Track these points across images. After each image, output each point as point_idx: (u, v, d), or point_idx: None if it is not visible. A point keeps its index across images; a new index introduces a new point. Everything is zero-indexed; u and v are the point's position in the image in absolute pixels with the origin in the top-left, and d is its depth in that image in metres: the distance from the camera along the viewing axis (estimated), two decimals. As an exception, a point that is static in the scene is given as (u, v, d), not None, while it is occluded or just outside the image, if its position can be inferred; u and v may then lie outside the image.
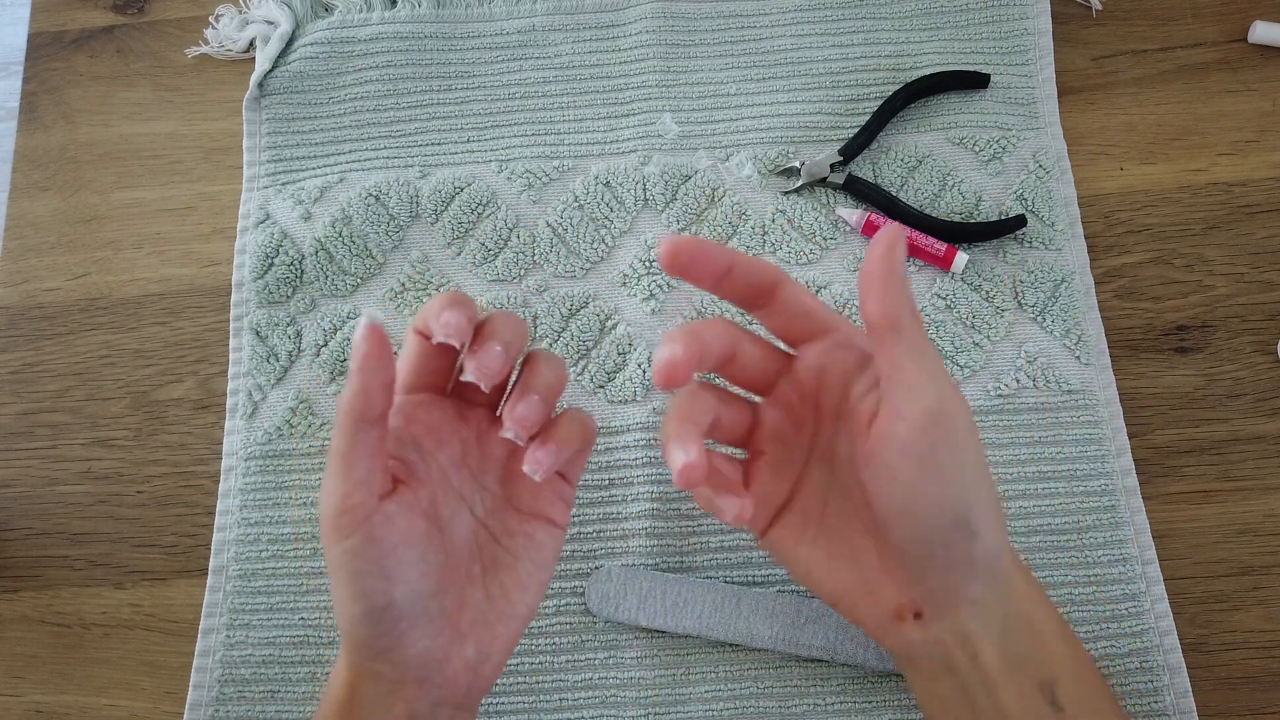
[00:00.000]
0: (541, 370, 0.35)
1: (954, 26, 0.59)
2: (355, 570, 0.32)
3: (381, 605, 0.33)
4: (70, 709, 0.49)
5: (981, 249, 0.55)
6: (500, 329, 0.34)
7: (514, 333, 0.34)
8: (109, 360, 0.55)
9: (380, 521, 0.32)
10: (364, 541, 0.32)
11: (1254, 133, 0.57)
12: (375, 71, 0.60)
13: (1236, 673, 0.47)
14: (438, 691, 0.35)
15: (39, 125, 0.61)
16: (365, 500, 0.32)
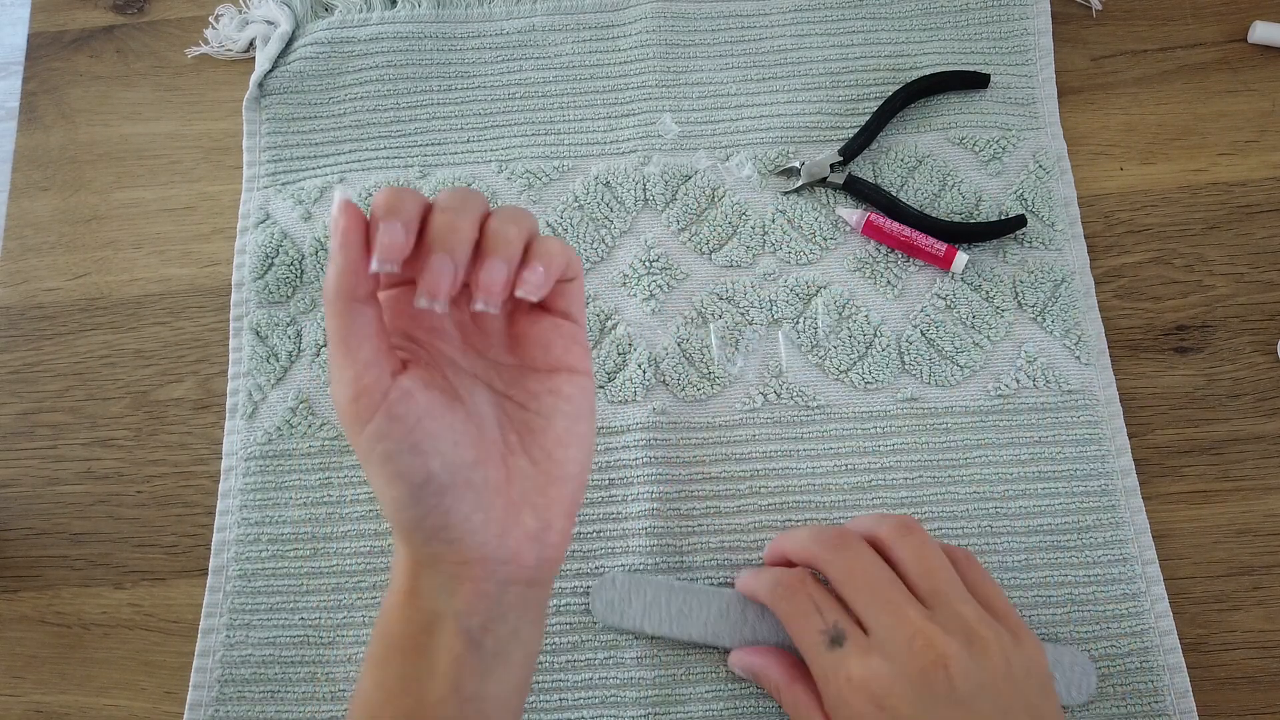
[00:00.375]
0: (500, 233, 0.31)
1: (954, 26, 0.59)
2: (385, 452, 0.31)
3: (420, 481, 0.31)
4: (70, 709, 0.49)
5: (981, 249, 0.55)
6: (444, 233, 0.30)
7: (461, 230, 0.31)
8: (109, 360, 0.55)
9: (399, 398, 0.31)
10: (387, 420, 0.31)
11: (1254, 133, 0.57)
12: (375, 71, 0.60)
13: (1236, 673, 0.47)
14: (503, 568, 0.33)
15: (39, 125, 0.61)
16: (378, 379, 0.31)
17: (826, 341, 0.53)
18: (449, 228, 0.30)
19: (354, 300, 0.31)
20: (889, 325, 0.53)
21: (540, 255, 0.32)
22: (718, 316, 0.54)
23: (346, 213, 0.30)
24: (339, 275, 0.30)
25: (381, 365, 0.31)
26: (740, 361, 0.53)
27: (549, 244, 0.32)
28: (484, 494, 0.33)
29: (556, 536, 0.35)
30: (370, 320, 0.31)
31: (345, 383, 0.31)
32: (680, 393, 0.52)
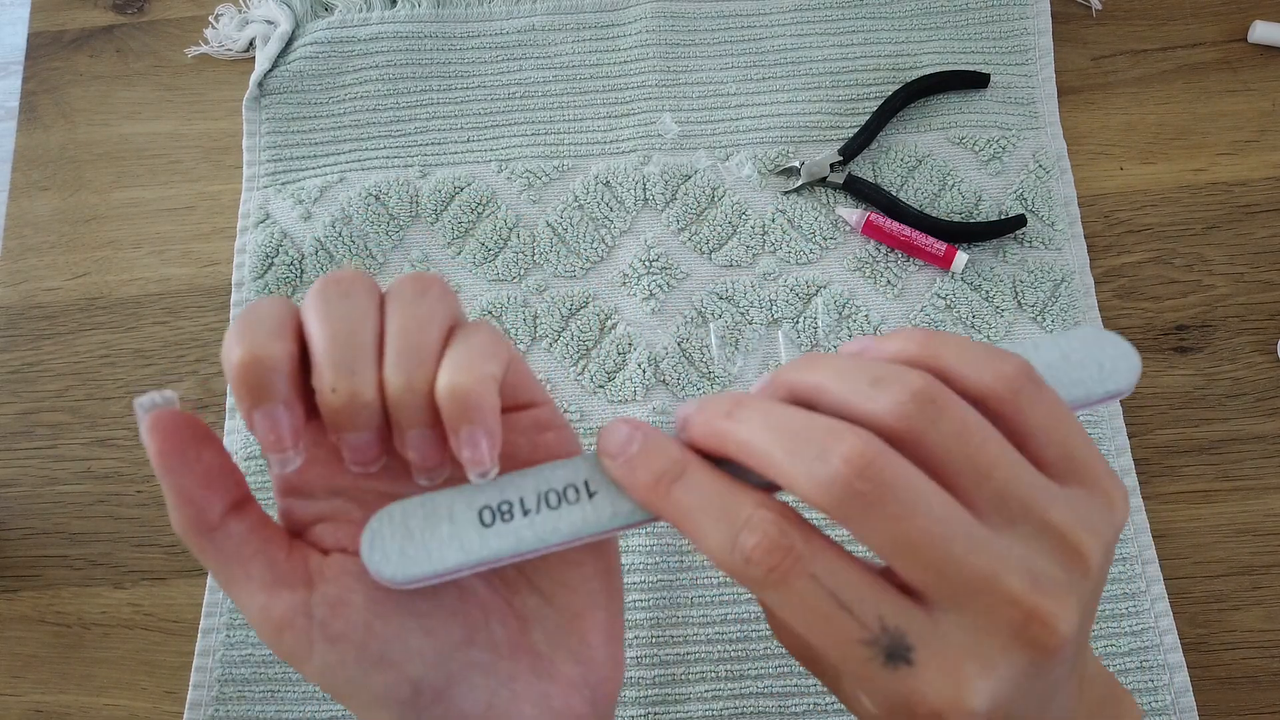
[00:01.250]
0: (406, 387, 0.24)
1: (954, 26, 0.59)
2: (347, 681, 0.24)
3: (407, 697, 0.25)
4: (70, 709, 0.49)
5: (981, 249, 0.55)
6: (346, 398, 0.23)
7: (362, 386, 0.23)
8: (109, 360, 0.55)
9: (329, 614, 0.24)
10: (328, 646, 0.24)
11: (1254, 133, 0.57)
12: (375, 71, 0.60)
13: (1236, 672, 0.47)
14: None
15: (39, 125, 0.61)
16: (291, 602, 0.24)
17: (826, 341, 0.53)
18: (348, 386, 0.23)
19: (211, 531, 0.24)
20: (889, 325, 0.53)
21: (468, 412, 0.23)
22: (718, 316, 0.54)
23: (155, 433, 0.23)
24: (175, 514, 0.24)
25: (289, 581, 0.24)
26: (740, 361, 0.53)
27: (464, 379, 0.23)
28: (498, 667, 0.26)
29: (607, 670, 0.27)
30: (247, 536, 0.25)
31: (257, 621, 0.24)
32: (680, 392, 0.52)
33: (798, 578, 0.21)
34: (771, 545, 0.21)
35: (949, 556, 0.21)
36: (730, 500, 0.22)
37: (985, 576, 0.21)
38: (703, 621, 0.48)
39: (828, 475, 0.21)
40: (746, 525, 0.22)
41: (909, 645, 0.21)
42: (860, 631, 0.21)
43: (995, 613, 0.21)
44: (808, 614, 0.21)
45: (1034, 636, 0.21)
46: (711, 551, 0.22)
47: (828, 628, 0.21)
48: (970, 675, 0.21)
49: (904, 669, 0.21)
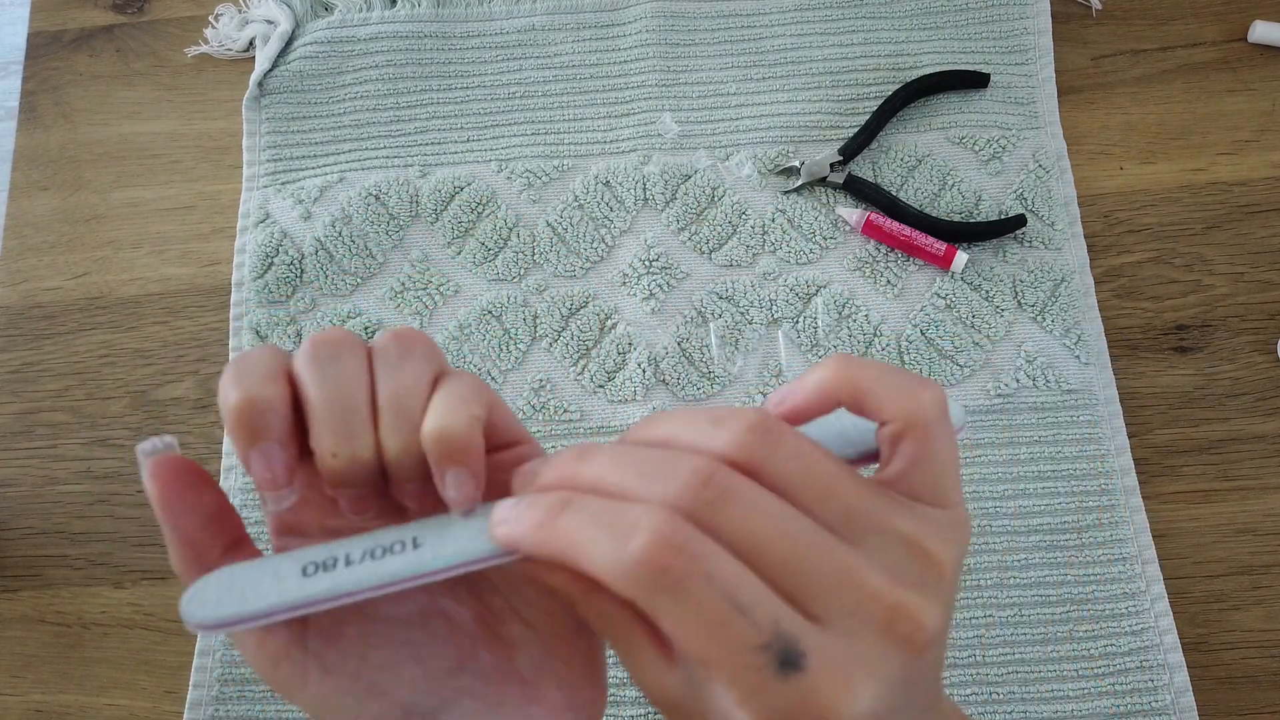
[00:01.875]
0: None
1: (954, 26, 0.59)
2: (342, 708, 0.25)
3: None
4: (70, 708, 0.49)
5: (981, 248, 0.55)
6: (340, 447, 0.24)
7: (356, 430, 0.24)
8: (109, 360, 0.55)
9: (323, 645, 0.25)
10: (322, 676, 0.25)
11: (1254, 132, 0.57)
12: (375, 71, 0.60)
13: (1236, 672, 0.47)
14: None
15: (39, 124, 0.61)
16: (287, 639, 0.25)
17: (826, 341, 0.53)
18: (349, 450, 0.24)
19: (208, 570, 0.25)
20: (889, 324, 0.53)
21: (453, 454, 0.24)
22: (717, 316, 0.54)
23: (156, 478, 0.24)
24: (175, 554, 0.25)
25: (283, 622, 0.25)
26: (740, 361, 0.53)
27: (450, 423, 0.24)
28: (486, 692, 0.27)
29: (590, 693, 0.29)
30: None
31: (253, 655, 0.25)
32: (680, 392, 0.52)
33: (693, 577, 0.20)
34: (664, 542, 0.20)
35: (805, 555, 0.21)
36: (617, 510, 0.22)
37: (845, 572, 0.21)
38: (703, 621, 0.48)
39: (676, 490, 0.21)
40: (636, 527, 0.21)
41: (801, 651, 0.21)
42: (756, 636, 0.21)
43: (863, 611, 0.21)
44: (702, 618, 0.20)
45: (903, 633, 0.21)
46: (602, 567, 0.21)
47: (722, 633, 0.21)
48: (857, 679, 0.21)
49: (795, 677, 0.21)
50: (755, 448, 0.22)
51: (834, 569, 0.21)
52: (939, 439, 0.24)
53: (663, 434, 0.24)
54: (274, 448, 0.24)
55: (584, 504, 0.22)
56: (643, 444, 0.24)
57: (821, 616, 0.21)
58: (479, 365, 0.53)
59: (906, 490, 0.24)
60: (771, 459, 0.22)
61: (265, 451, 0.24)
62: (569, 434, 0.52)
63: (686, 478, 0.22)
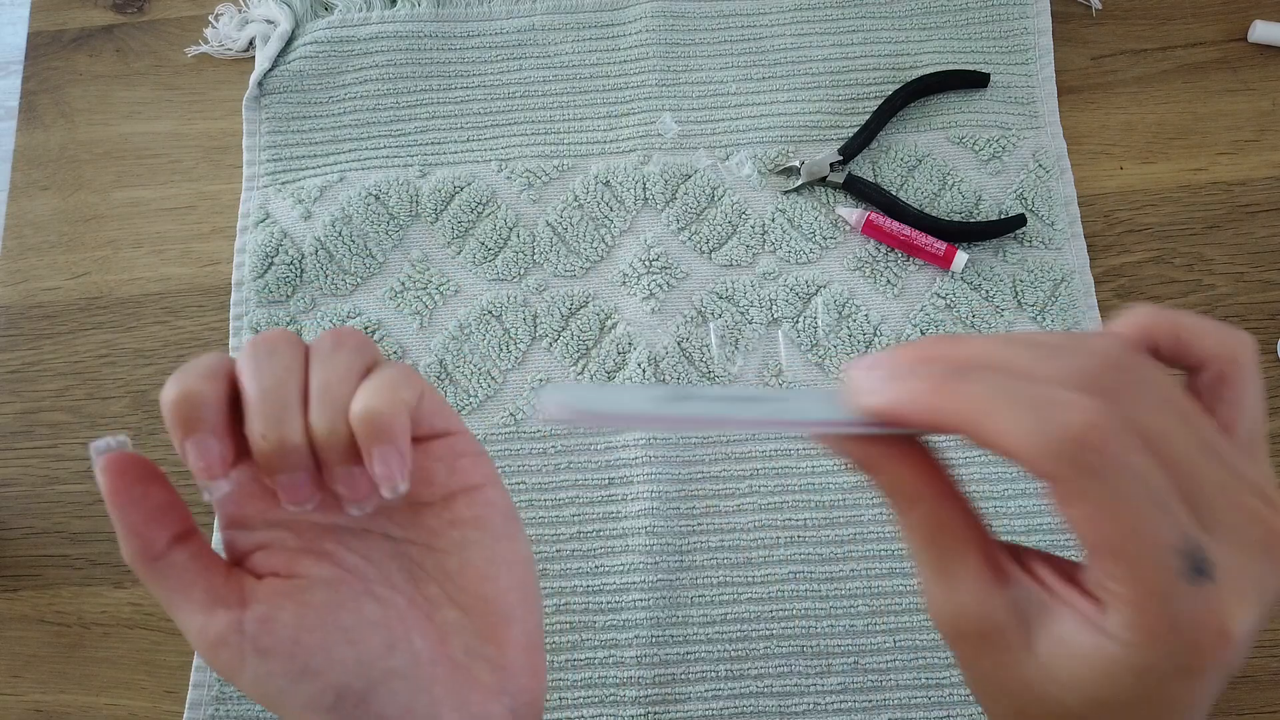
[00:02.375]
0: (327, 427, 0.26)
1: (954, 26, 0.59)
2: (278, 690, 0.27)
3: (330, 703, 0.27)
4: (70, 708, 0.49)
5: (981, 248, 0.55)
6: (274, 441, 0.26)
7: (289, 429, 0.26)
8: (109, 359, 0.55)
9: (259, 629, 0.26)
10: (259, 658, 0.26)
11: (1254, 132, 0.57)
12: (375, 71, 0.60)
13: (1236, 671, 0.47)
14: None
15: (39, 124, 0.61)
16: (228, 622, 0.26)
17: (826, 340, 0.53)
18: (277, 433, 0.26)
19: (155, 560, 0.27)
20: (889, 324, 0.53)
21: (380, 432, 0.25)
22: (717, 315, 0.54)
23: (107, 473, 0.26)
24: (124, 544, 0.26)
25: (225, 603, 0.27)
26: (740, 360, 0.53)
27: (376, 403, 0.26)
28: (417, 674, 0.28)
29: (525, 679, 0.29)
30: (189, 564, 0.27)
31: (196, 639, 0.27)
32: (680, 392, 0.52)
33: (1125, 466, 0.19)
34: (1101, 425, 0.19)
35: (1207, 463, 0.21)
36: (1035, 387, 0.20)
37: (1236, 488, 0.21)
38: (703, 621, 0.48)
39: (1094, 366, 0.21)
40: (1067, 406, 0.20)
41: (1210, 559, 0.20)
42: (1175, 536, 0.20)
43: (1251, 529, 0.21)
44: (1126, 508, 0.19)
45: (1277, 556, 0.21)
46: (1017, 438, 0.20)
47: (1144, 527, 0.19)
48: (1252, 596, 0.20)
49: (1203, 586, 0.20)
50: (1135, 360, 0.21)
51: (1228, 481, 0.21)
52: (1257, 383, 0.23)
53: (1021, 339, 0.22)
54: (208, 438, 0.25)
55: (989, 374, 0.21)
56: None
57: (1219, 528, 0.20)
58: (479, 365, 0.53)
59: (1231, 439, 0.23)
60: (1150, 374, 0.21)
61: (199, 442, 0.25)
62: (569, 434, 0.52)
63: (1101, 358, 0.21)
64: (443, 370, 0.53)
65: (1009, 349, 0.22)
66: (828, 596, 0.49)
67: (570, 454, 0.51)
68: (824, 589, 0.49)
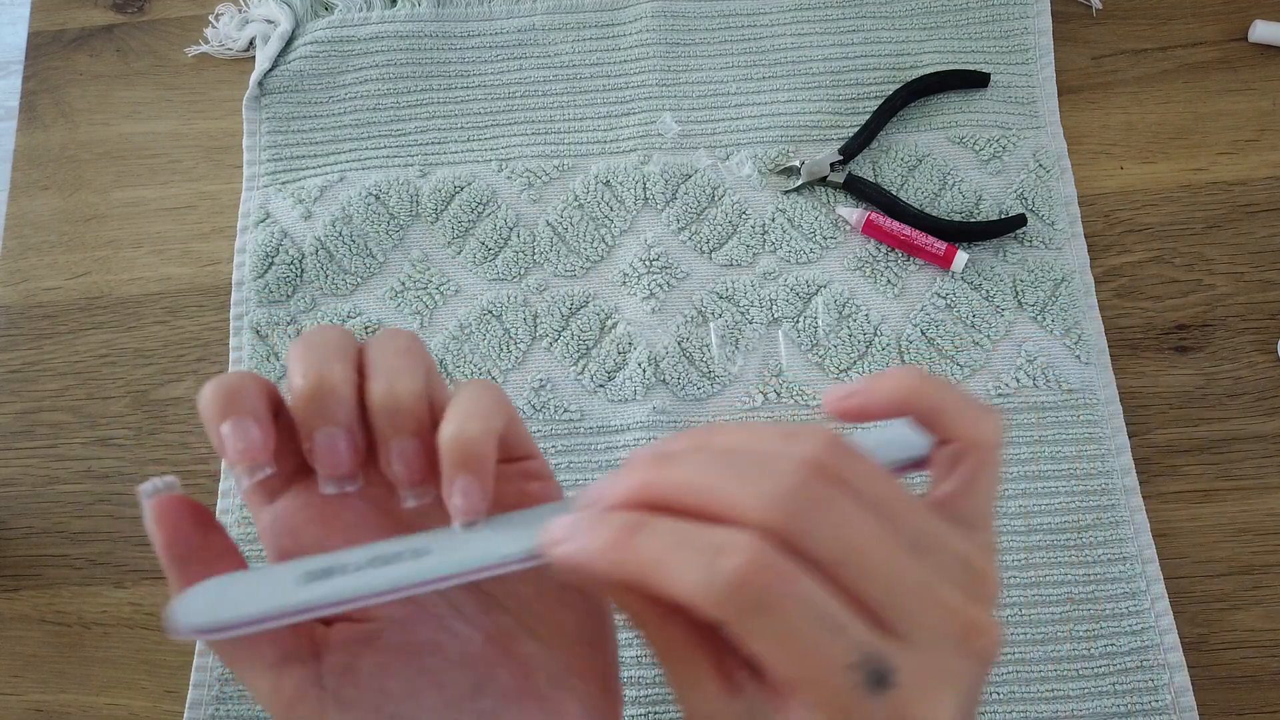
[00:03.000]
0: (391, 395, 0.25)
1: (954, 25, 0.59)
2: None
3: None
4: (70, 708, 0.49)
5: (981, 248, 0.55)
6: (316, 400, 0.24)
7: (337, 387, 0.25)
8: (109, 359, 0.55)
9: (340, 681, 0.25)
10: (342, 712, 0.25)
11: (1254, 132, 0.57)
12: (375, 70, 0.60)
13: (1236, 671, 0.47)
14: None
15: (39, 124, 0.61)
16: (301, 681, 0.25)
17: (826, 340, 0.53)
18: (319, 391, 0.24)
19: None
20: (889, 324, 0.53)
21: (468, 461, 0.24)
22: (718, 315, 0.54)
23: (162, 522, 0.24)
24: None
25: (298, 657, 0.25)
26: (740, 360, 0.53)
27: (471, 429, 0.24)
28: (507, 712, 0.27)
29: (608, 703, 0.29)
30: None
31: (268, 700, 0.25)
32: (680, 391, 0.52)
33: (788, 598, 0.20)
34: (761, 564, 0.20)
35: (893, 569, 0.21)
36: (701, 532, 0.21)
37: (927, 587, 0.21)
38: (703, 621, 0.48)
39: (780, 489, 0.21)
40: (727, 550, 0.20)
41: (891, 667, 0.21)
42: (848, 655, 0.20)
43: (944, 625, 0.21)
44: (795, 638, 0.20)
45: (978, 646, 0.22)
46: (689, 588, 0.20)
47: (815, 654, 0.20)
48: (943, 692, 0.21)
49: (885, 694, 0.20)
50: (834, 463, 0.22)
51: (917, 583, 0.21)
52: (994, 467, 0.25)
53: (730, 443, 0.23)
54: (246, 419, 0.24)
55: (662, 524, 0.21)
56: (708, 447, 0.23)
57: (905, 632, 0.21)
58: (479, 365, 0.53)
59: (952, 511, 0.24)
60: (849, 476, 0.22)
61: (237, 422, 0.24)
62: (569, 434, 0.52)
63: (792, 475, 0.21)
64: (443, 370, 0.53)
65: (704, 468, 0.22)
66: (828, 596, 0.49)
67: (570, 454, 0.52)
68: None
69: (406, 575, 0.24)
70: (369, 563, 0.24)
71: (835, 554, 0.21)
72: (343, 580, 0.24)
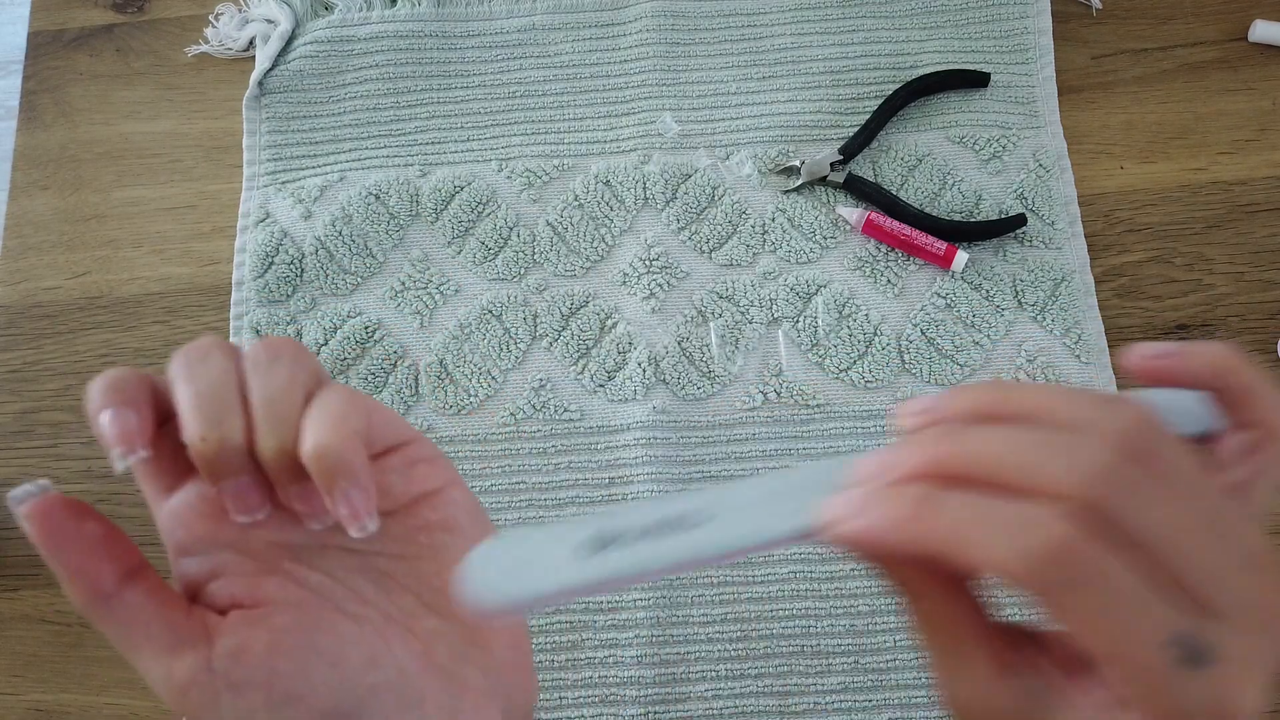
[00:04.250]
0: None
1: (954, 25, 0.59)
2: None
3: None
4: (70, 707, 0.49)
5: (981, 248, 0.55)
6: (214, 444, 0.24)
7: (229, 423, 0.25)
8: (109, 359, 0.55)
9: (230, 664, 0.25)
10: (233, 694, 0.25)
11: (1254, 132, 0.57)
12: (375, 70, 0.60)
13: None
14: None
15: (39, 124, 0.61)
16: (194, 662, 0.25)
17: (826, 340, 0.53)
18: (221, 452, 0.24)
19: (107, 599, 0.25)
20: (889, 324, 0.53)
21: (337, 471, 0.24)
22: (718, 315, 0.54)
23: (34, 520, 0.24)
24: (70, 589, 0.25)
25: (190, 642, 0.25)
26: (740, 360, 0.53)
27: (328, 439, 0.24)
28: (405, 686, 0.27)
29: (516, 675, 0.29)
30: (144, 602, 0.25)
31: (161, 685, 0.25)
32: (680, 391, 0.52)
33: (1097, 576, 0.20)
34: (1071, 540, 0.20)
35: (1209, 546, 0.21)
36: (1007, 506, 0.21)
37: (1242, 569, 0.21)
38: (703, 621, 0.48)
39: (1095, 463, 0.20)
40: (1036, 524, 0.20)
41: (1208, 644, 0.20)
42: (1161, 631, 0.20)
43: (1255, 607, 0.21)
44: (1106, 615, 0.20)
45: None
46: (994, 561, 0.20)
47: (1128, 631, 0.20)
48: (1258, 676, 0.21)
49: (1202, 672, 0.20)
50: (1146, 439, 0.21)
51: (1229, 561, 0.21)
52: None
53: (1033, 407, 0.22)
54: (126, 409, 0.24)
55: (964, 498, 0.21)
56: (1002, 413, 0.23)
57: (1223, 611, 0.20)
58: (479, 365, 0.53)
59: (1240, 499, 0.24)
60: (1161, 453, 0.21)
61: (117, 412, 0.24)
62: (569, 434, 0.52)
63: (1104, 454, 0.20)
64: (443, 370, 0.53)
65: (1006, 445, 0.21)
66: (828, 596, 0.49)
67: (570, 454, 0.52)
68: (824, 589, 0.49)
69: (690, 550, 0.23)
70: (647, 530, 0.24)
71: (1151, 532, 0.20)
72: (627, 555, 0.23)
